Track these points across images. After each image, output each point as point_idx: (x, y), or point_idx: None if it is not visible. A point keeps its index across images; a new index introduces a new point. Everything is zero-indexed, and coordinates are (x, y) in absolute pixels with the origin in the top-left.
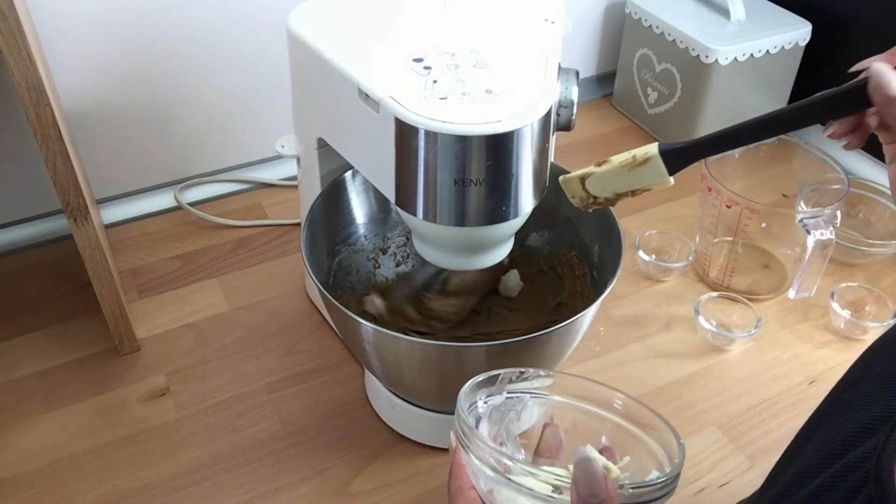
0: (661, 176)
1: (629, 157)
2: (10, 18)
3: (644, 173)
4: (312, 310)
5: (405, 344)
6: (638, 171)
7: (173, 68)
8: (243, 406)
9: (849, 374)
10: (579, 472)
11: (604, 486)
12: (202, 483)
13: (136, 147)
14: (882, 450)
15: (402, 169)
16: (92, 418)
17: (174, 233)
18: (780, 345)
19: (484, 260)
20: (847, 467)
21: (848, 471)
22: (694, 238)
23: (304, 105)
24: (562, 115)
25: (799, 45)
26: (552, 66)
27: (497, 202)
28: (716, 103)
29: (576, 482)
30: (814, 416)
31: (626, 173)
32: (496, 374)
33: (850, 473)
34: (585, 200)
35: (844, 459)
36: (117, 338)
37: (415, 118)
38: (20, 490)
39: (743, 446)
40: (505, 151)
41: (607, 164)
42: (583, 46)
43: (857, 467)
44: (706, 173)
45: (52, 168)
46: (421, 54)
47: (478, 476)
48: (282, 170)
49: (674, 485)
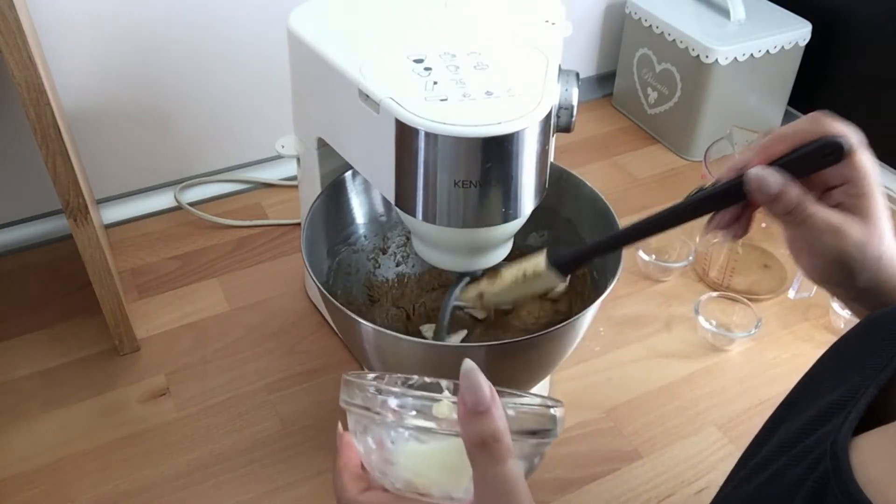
0: (555, 282)
1: (519, 274)
2: (10, 18)
3: (537, 282)
4: (312, 310)
5: (405, 344)
6: (530, 282)
7: (173, 68)
8: (243, 406)
9: (815, 367)
10: (465, 382)
11: (489, 394)
12: (202, 483)
13: (136, 147)
14: (839, 430)
15: (402, 170)
16: (92, 418)
17: (174, 233)
18: (780, 345)
19: (483, 261)
20: (806, 448)
21: (807, 451)
22: (694, 238)
23: (304, 105)
24: (562, 117)
25: (799, 45)
26: (552, 67)
27: (497, 204)
28: (716, 103)
29: (462, 393)
30: (781, 406)
31: (520, 285)
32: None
33: (809, 453)
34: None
35: (804, 443)
36: (117, 338)
37: (415, 119)
38: (20, 490)
39: (743, 446)
40: (505, 153)
41: (499, 279)
42: (583, 46)
43: (815, 447)
44: (706, 173)
45: (52, 168)
46: (421, 55)
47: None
48: (282, 170)
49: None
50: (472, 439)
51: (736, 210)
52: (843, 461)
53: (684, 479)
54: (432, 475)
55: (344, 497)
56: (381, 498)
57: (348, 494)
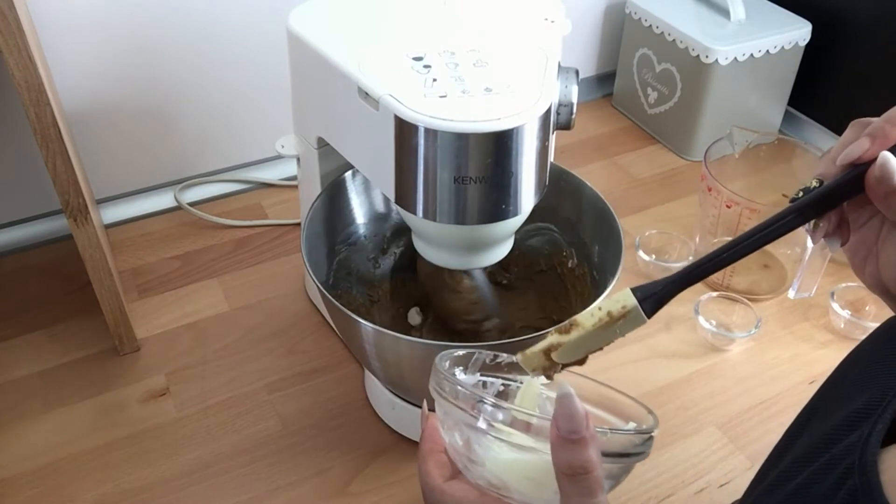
0: (640, 323)
1: (604, 316)
2: (10, 18)
3: (623, 326)
4: (312, 310)
5: (405, 344)
6: (616, 325)
7: (173, 68)
8: (243, 406)
9: (836, 372)
10: (560, 407)
11: (584, 422)
12: (202, 483)
13: (136, 147)
14: (866, 441)
15: (402, 167)
16: (92, 418)
17: (174, 233)
18: (780, 345)
19: (484, 258)
20: (832, 460)
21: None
22: (694, 238)
23: (304, 105)
24: (561, 114)
25: (799, 45)
26: (552, 64)
27: (497, 200)
28: (716, 103)
29: (556, 417)
30: (803, 412)
31: (602, 332)
32: (471, 353)
33: (836, 465)
34: (549, 370)
35: (830, 453)
36: (117, 338)
37: (414, 116)
38: (20, 490)
39: (743, 446)
40: (505, 149)
41: (577, 328)
42: (583, 46)
43: (842, 459)
44: (706, 173)
45: (52, 168)
46: (420, 53)
47: (454, 431)
48: (282, 170)
49: (649, 445)
50: (562, 467)
51: (839, 211)
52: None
53: (684, 479)
54: (515, 483)
55: (428, 483)
56: (466, 492)
57: (433, 481)
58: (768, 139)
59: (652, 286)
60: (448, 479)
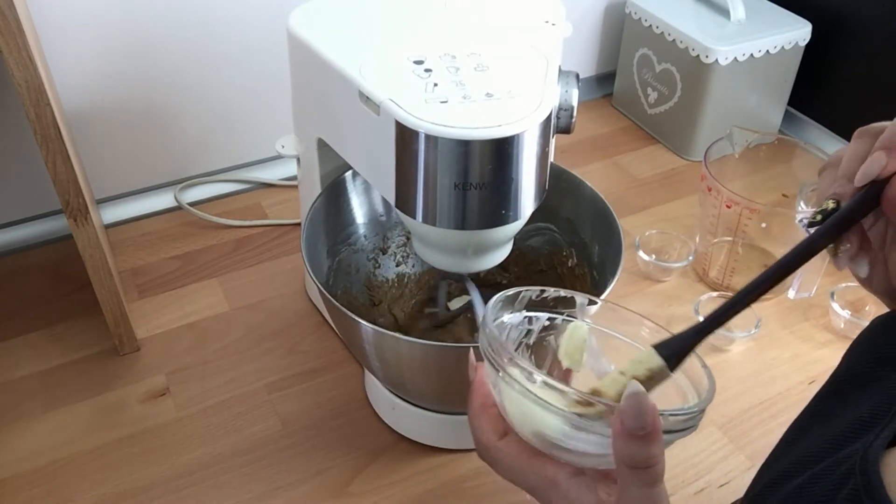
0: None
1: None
2: (10, 18)
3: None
4: (312, 310)
5: (405, 344)
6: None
7: (174, 68)
8: (243, 406)
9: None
10: (629, 406)
11: (653, 419)
12: (202, 483)
13: (136, 147)
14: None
15: (403, 172)
16: (92, 418)
17: (174, 233)
18: (780, 345)
19: (483, 263)
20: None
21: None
22: (694, 238)
23: (304, 106)
24: (562, 118)
25: (799, 45)
26: (552, 69)
27: (497, 206)
28: (716, 103)
29: (623, 414)
30: (803, 415)
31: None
32: (518, 292)
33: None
34: None
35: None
36: (117, 338)
37: (415, 122)
38: (20, 490)
39: (743, 446)
40: (505, 156)
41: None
42: (583, 46)
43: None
44: (706, 173)
45: (52, 168)
46: (421, 56)
47: (501, 391)
48: (282, 170)
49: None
50: (625, 459)
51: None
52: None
53: (684, 479)
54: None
55: (482, 440)
56: (520, 449)
57: (486, 438)
58: (768, 139)
59: (673, 341)
60: (502, 435)
